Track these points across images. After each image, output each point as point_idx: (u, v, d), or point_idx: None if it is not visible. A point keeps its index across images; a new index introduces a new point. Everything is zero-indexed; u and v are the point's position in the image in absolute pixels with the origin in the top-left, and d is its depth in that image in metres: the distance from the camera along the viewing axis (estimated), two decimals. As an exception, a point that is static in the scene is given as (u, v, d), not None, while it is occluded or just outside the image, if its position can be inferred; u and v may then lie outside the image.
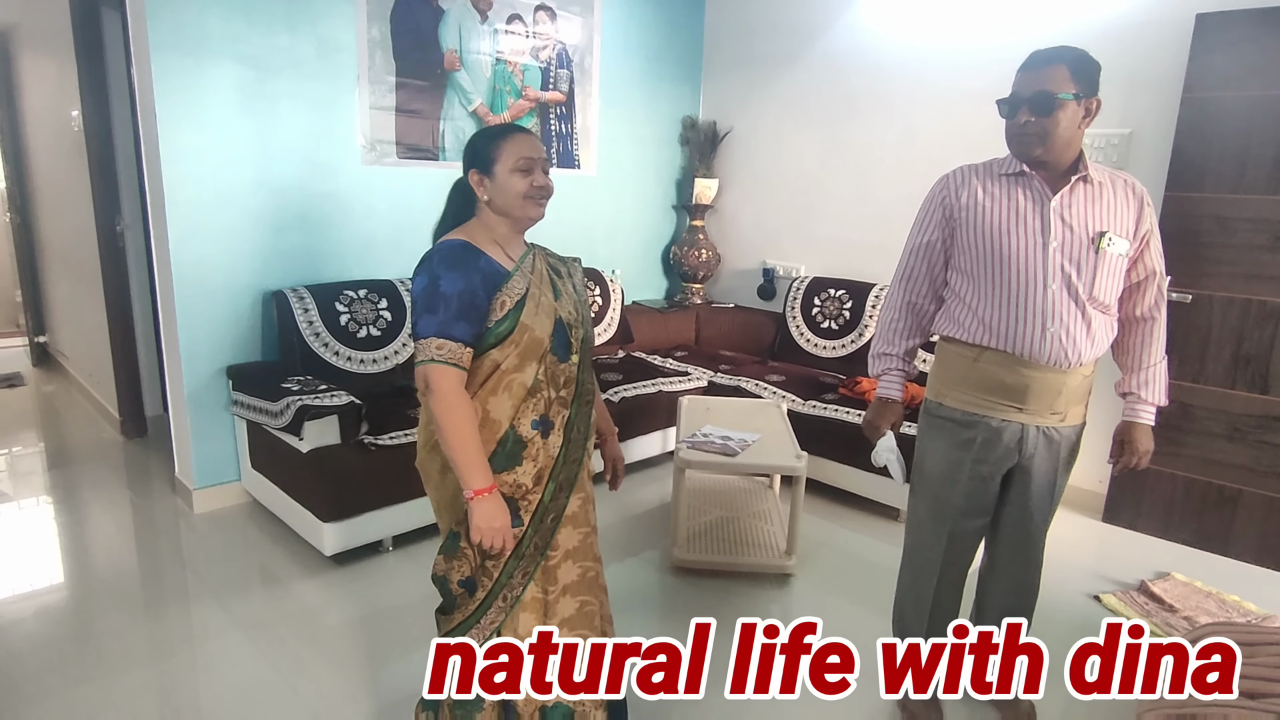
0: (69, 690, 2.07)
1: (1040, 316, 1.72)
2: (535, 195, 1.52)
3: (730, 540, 2.92)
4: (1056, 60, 1.66)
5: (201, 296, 3.01)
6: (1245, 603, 2.67)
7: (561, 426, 1.55)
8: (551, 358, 1.51)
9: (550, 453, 1.53)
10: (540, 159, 1.52)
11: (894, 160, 3.96)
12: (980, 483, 1.86)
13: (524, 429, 1.50)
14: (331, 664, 2.21)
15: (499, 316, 1.46)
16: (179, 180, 2.88)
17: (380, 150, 3.42)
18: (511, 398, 1.48)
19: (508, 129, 1.55)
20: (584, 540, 1.61)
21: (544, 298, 1.52)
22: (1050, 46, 1.70)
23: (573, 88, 4.14)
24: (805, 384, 3.68)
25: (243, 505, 3.21)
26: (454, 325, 1.41)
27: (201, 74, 2.87)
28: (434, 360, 1.41)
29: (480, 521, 1.43)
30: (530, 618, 1.54)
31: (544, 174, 1.53)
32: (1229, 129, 2.90)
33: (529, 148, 1.51)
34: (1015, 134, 1.72)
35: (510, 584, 1.53)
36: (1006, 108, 1.73)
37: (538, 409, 1.51)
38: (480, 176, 1.53)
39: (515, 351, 1.47)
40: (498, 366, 1.47)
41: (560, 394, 1.54)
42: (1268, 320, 2.90)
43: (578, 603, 1.59)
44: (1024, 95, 1.68)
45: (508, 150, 1.50)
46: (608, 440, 1.84)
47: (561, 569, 1.57)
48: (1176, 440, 3.09)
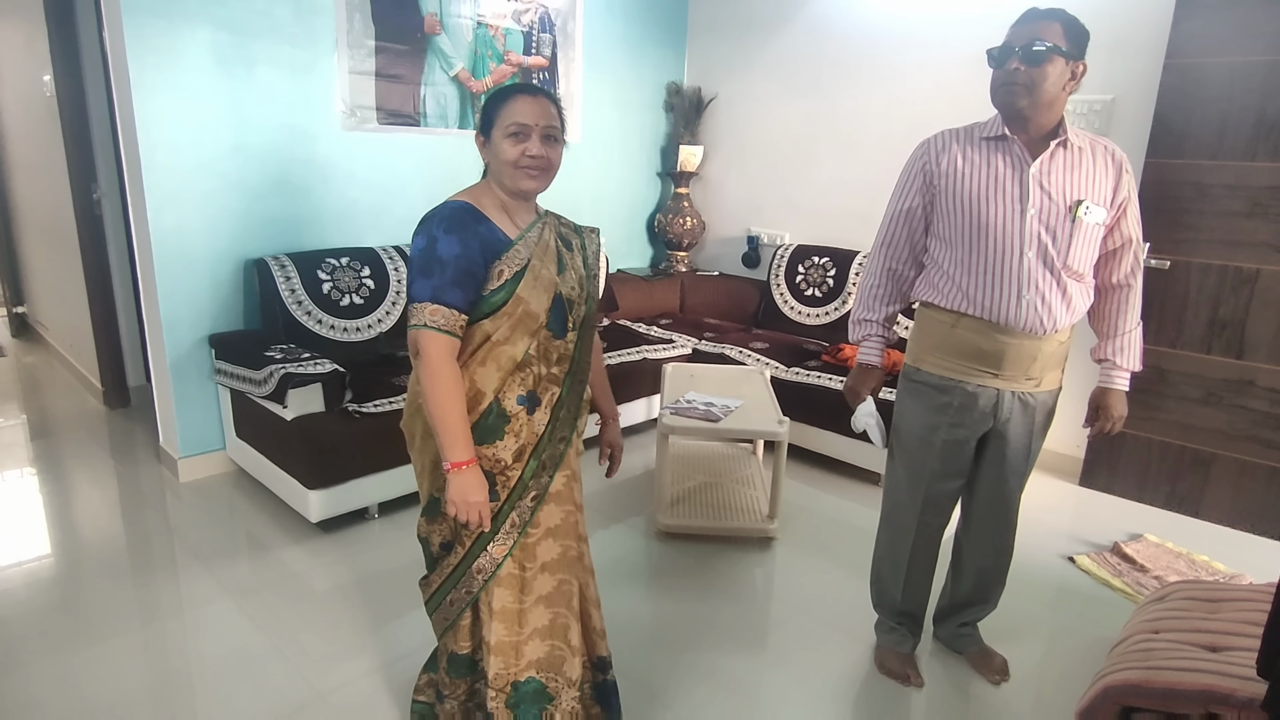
0: (57, 657, 2.09)
1: (1016, 284, 1.74)
2: (526, 165, 1.43)
3: (714, 505, 2.96)
4: (1051, 18, 1.67)
5: (182, 265, 2.99)
6: (1214, 562, 2.74)
7: (549, 404, 1.50)
8: (546, 333, 1.47)
9: (535, 429, 1.49)
10: (539, 125, 1.42)
11: (879, 127, 3.95)
12: (956, 446, 1.90)
13: (509, 403, 1.46)
14: (318, 629, 2.24)
15: (495, 285, 1.41)
16: (155, 146, 2.84)
17: (360, 116, 3.38)
18: (499, 370, 1.44)
19: (513, 90, 1.45)
20: (566, 519, 1.56)
21: (545, 271, 1.46)
22: (1045, 6, 1.70)
23: (555, 52, 4.09)
24: (789, 351, 3.71)
25: (228, 474, 3.21)
26: (448, 291, 1.37)
27: (176, 38, 2.82)
28: (426, 325, 1.37)
29: (456, 495, 1.40)
30: (505, 593, 1.51)
31: (543, 142, 1.43)
32: (1209, 95, 2.90)
33: (526, 111, 1.41)
34: (1003, 83, 1.72)
35: (485, 556, 1.50)
36: (997, 56, 1.72)
37: (525, 384, 1.47)
38: (483, 139, 1.47)
39: (507, 323, 1.43)
40: (488, 337, 1.43)
41: (552, 371, 1.50)
42: (1243, 286, 2.94)
43: (556, 580, 1.55)
44: (1015, 45, 1.68)
45: (505, 112, 1.42)
46: (608, 424, 1.79)
47: (541, 546, 1.53)
48: (1153, 405, 3.14)
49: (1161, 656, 1.62)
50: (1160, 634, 1.75)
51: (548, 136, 1.44)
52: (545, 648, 1.54)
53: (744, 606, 2.45)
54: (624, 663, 2.08)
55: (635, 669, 2.08)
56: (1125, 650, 1.73)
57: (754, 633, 2.33)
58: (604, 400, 1.78)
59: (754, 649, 2.24)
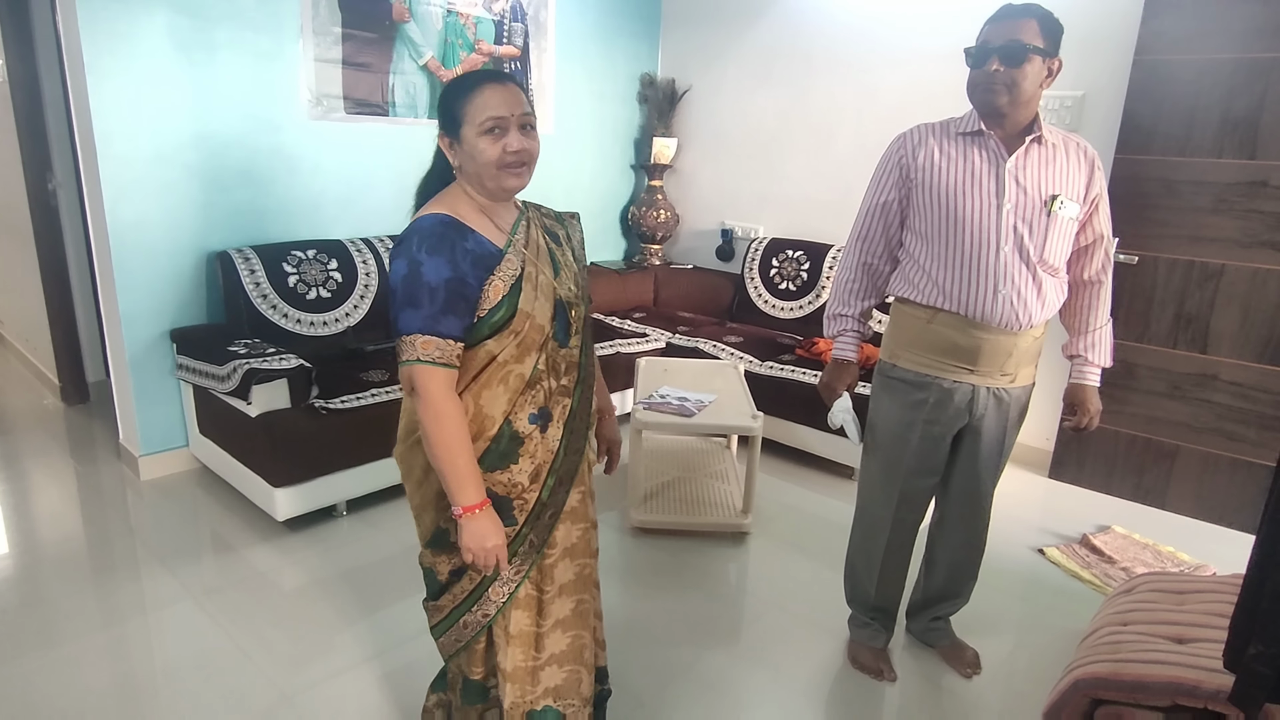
0: (16, 659, 2.02)
1: (992, 279, 1.74)
2: (510, 163, 1.28)
3: (687, 500, 2.94)
4: (1027, 15, 1.66)
5: (141, 257, 2.90)
6: (1180, 553, 2.78)
7: (562, 418, 1.39)
8: (553, 344, 1.35)
9: (550, 447, 1.38)
10: (515, 115, 1.27)
11: (853, 120, 3.95)
12: (931, 442, 1.90)
13: (520, 424, 1.34)
14: (285, 630, 2.19)
15: (493, 303, 1.28)
16: (111, 135, 2.75)
17: (327, 105, 3.30)
18: (508, 391, 1.32)
19: (476, 79, 1.29)
20: (583, 536, 1.48)
21: (541, 276, 1.34)
22: (1020, 2, 1.69)
23: (527, 42, 4.03)
24: (763, 345, 3.70)
25: (191, 471, 3.14)
26: (441, 320, 1.23)
27: (133, 21, 2.72)
28: (420, 361, 1.23)
29: (471, 542, 1.28)
30: (523, 615, 1.43)
31: (522, 133, 1.29)
32: (1177, 92, 2.94)
33: (499, 103, 1.26)
34: (982, 83, 1.71)
35: (501, 580, 1.40)
36: (975, 56, 1.71)
37: (536, 401, 1.35)
38: (449, 140, 1.32)
39: (514, 342, 1.30)
40: (493, 358, 1.30)
41: (562, 382, 1.39)
42: (1208, 281, 2.98)
43: (574, 601, 1.48)
44: (994, 44, 1.67)
45: (474, 107, 1.26)
46: (604, 419, 1.65)
47: (559, 568, 1.45)
48: (1120, 398, 3.18)
49: (1130, 649, 1.64)
50: (1129, 626, 1.77)
51: (524, 126, 1.30)
52: (563, 674, 1.47)
53: (718, 602, 2.44)
54: (598, 661, 2.06)
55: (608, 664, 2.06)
56: (1094, 643, 1.75)
57: (728, 628, 2.32)
58: (600, 395, 1.62)
59: (727, 644, 2.23)
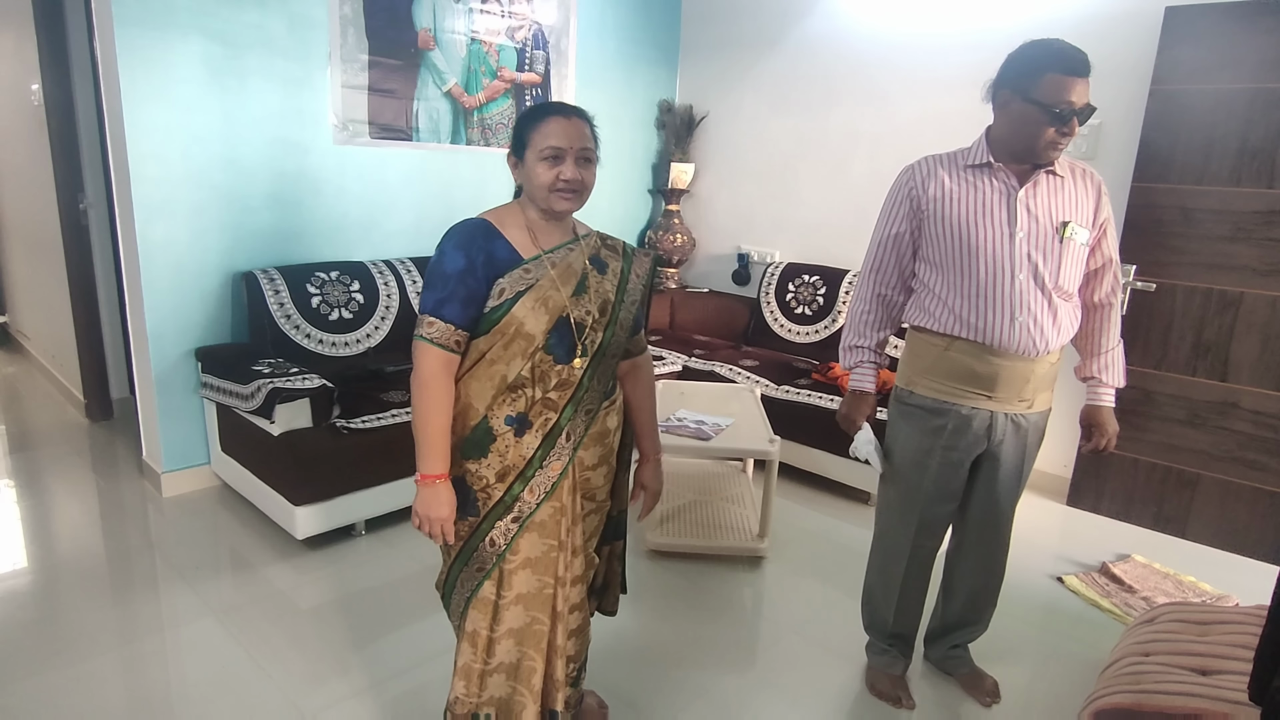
0: (36, 676, 2.04)
1: (1009, 306, 1.75)
2: (561, 189, 1.41)
3: (703, 524, 2.94)
4: (1088, 69, 1.63)
5: (169, 277, 2.96)
6: (1201, 583, 2.75)
7: (543, 429, 1.45)
8: (544, 356, 1.43)
9: (522, 452, 1.45)
10: (574, 148, 1.40)
11: (869, 146, 3.98)
12: (950, 469, 1.90)
13: (496, 422, 1.44)
14: (303, 648, 2.21)
15: (495, 304, 1.41)
16: (144, 157, 2.82)
17: (352, 130, 3.37)
18: (491, 387, 1.43)
19: (547, 110, 1.44)
20: (547, 553, 1.49)
21: (554, 294, 1.43)
22: (1072, 45, 1.64)
23: (548, 69, 4.11)
24: (779, 369, 3.71)
25: (212, 489, 3.17)
26: (446, 305, 1.38)
27: (168, 49, 2.80)
28: (421, 338, 1.39)
29: (421, 508, 1.42)
30: (479, 616, 1.49)
31: (577, 165, 1.41)
32: (1194, 121, 2.95)
33: (561, 135, 1.40)
34: (1050, 141, 1.67)
35: (466, 572, 1.50)
36: (1052, 116, 1.64)
37: (516, 405, 1.44)
38: (515, 160, 1.47)
39: (501, 342, 1.42)
40: (482, 354, 1.43)
41: (549, 395, 1.45)
42: (1227, 309, 2.97)
43: (529, 617, 1.50)
44: (1078, 108, 1.64)
45: (539, 135, 1.41)
46: (645, 463, 1.73)
47: (518, 576, 1.48)
48: (1139, 425, 3.17)
49: (1152, 680, 1.63)
50: (1150, 657, 1.75)
51: (582, 159, 1.42)
52: (507, 688, 1.53)
53: (733, 626, 2.44)
54: (612, 682, 2.06)
55: (623, 688, 2.06)
56: (1116, 673, 1.73)
57: (744, 653, 2.31)
58: (642, 438, 1.72)
59: (744, 669, 2.23)
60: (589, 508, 1.59)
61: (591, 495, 1.59)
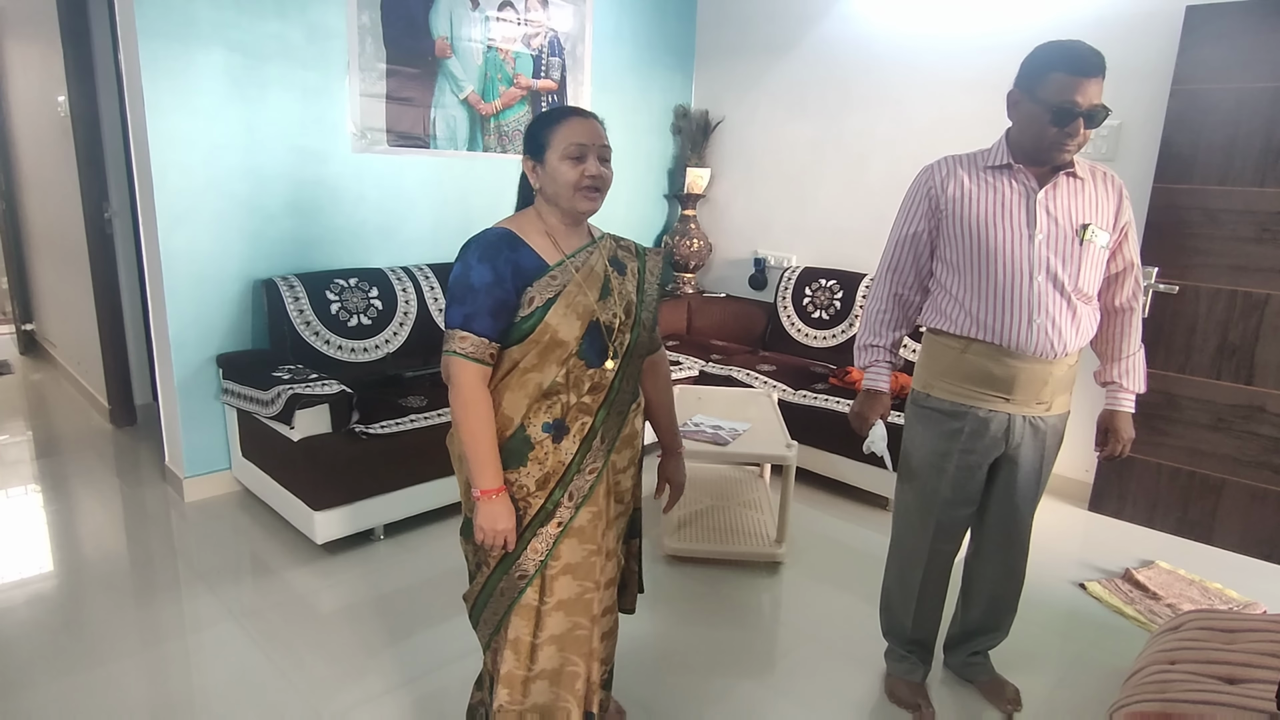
0: (59, 678, 2.07)
1: (1027, 308, 1.74)
2: (587, 186, 1.42)
3: (720, 529, 2.94)
4: (1101, 70, 1.61)
5: (191, 284, 3.00)
6: (1228, 590, 2.71)
7: (580, 434, 1.46)
8: (577, 361, 1.43)
9: (561, 458, 1.45)
10: (596, 145, 1.42)
11: (886, 150, 3.97)
12: (967, 472, 1.88)
13: (534, 430, 1.44)
14: (324, 653, 2.22)
15: (526, 313, 1.41)
16: (167, 167, 2.86)
17: (371, 138, 3.40)
18: (526, 396, 1.43)
19: (564, 112, 1.45)
20: (587, 559, 1.50)
21: (581, 298, 1.43)
22: (1087, 44, 1.62)
23: (565, 76, 4.13)
24: (796, 374, 3.70)
25: (233, 494, 3.21)
26: (478, 319, 1.38)
27: (190, 60, 2.85)
28: (456, 353, 1.38)
29: (484, 521, 1.41)
30: (521, 623, 1.48)
31: (599, 163, 1.43)
32: (1217, 121, 2.91)
33: (583, 132, 1.42)
34: (1057, 142, 1.65)
35: (507, 579, 1.48)
36: (1057, 116, 1.62)
37: (552, 412, 1.44)
38: (533, 163, 1.46)
39: (535, 350, 1.41)
40: (516, 364, 1.42)
41: (583, 400, 1.46)
42: (1252, 311, 2.93)
43: (570, 622, 1.50)
44: (1082, 109, 1.62)
45: (560, 135, 1.41)
46: (668, 457, 1.75)
47: (559, 582, 1.48)
48: (1162, 430, 3.12)
49: (1178, 688, 1.60)
50: (1176, 665, 1.73)
51: (602, 157, 1.44)
52: (550, 694, 1.51)
53: (751, 632, 2.43)
54: (629, 687, 2.06)
55: (640, 693, 2.06)
56: (1140, 681, 1.71)
57: (761, 659, 2.30)
58: (664, 433, 1.74)
59: (761, 675, 2.22)
60: (618, 510, 1.60)
61: (621, 498, 1.60)
